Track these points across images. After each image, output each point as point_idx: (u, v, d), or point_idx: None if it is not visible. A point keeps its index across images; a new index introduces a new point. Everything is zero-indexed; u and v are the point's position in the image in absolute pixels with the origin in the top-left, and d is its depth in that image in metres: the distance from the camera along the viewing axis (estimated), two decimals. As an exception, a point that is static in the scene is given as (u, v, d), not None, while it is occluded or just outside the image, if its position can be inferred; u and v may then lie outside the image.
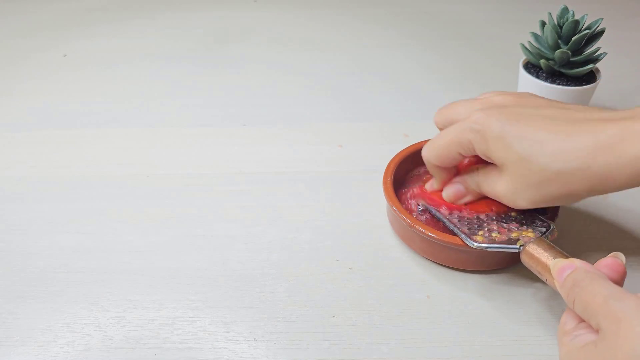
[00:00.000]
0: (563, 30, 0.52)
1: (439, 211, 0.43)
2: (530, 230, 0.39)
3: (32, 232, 0.48)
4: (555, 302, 0.40)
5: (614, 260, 0.32)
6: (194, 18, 0.87)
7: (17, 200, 0.51)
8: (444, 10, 0.88)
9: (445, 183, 0.43)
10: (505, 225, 0.40)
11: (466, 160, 0.44)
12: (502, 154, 0.37)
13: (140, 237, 0.47)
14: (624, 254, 0.34)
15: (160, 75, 0.72)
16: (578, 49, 0.53)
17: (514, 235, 0.39)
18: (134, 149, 0.58)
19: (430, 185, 0.45)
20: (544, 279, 0.36)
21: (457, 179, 0.43)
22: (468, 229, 0.40)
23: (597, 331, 0.29)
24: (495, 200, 0.41)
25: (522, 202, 0.37)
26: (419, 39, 0.80)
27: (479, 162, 0.42)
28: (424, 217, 0.44)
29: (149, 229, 0.48)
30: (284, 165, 0.55)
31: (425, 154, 0.42)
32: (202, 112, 0.64)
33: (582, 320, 0.31)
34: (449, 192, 0.43)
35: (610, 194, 0.50)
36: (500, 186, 0.39)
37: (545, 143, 0.35)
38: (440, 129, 0.42)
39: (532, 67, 0.56)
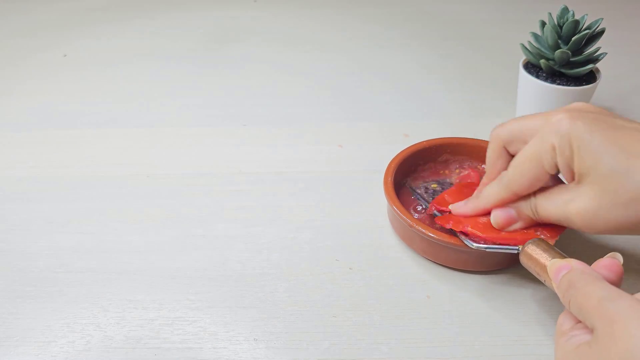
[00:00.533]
0: (563, 30, 0.52)
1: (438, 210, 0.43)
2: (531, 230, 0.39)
3: (32, 232, 0.48)
4: (554, 302, 0.40)
5: (611, 260, 0.32)
6: (194, 18, 0.87)
7: (17, 200, 0.51)
8: (444, 10, 0.88)
9: (490, 207, 0.39)
10: None
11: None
12: (589, 161, 0.32)
13: (140, 237, 0.47)
14: (623, 254, 0.34)
15: (160, 75, 0.72)
16: (578, 49, 0.53)
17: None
18: (134, 149, 0.58)
19: (466, 206, 0.40)
20: (542, 279, 0.36)
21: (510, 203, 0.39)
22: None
23: (592, 332, 0.29)
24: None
25: (603, 223, 0.33)
26: (419, 39, 0.80)
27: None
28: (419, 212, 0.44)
29: (149, 229, 0.48)
30: (284, 165, 0.55)
31: (505, 177, 0.37)
32: (202, 112, 0.64)
33: (578, 322, 0.31)
34: (498, 218, 0.38)
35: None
36: (576, 203, 0.34)
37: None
38: (502, 147, 0.38)
39: (532, 67, 0.56)
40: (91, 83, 0.70)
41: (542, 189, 0.37)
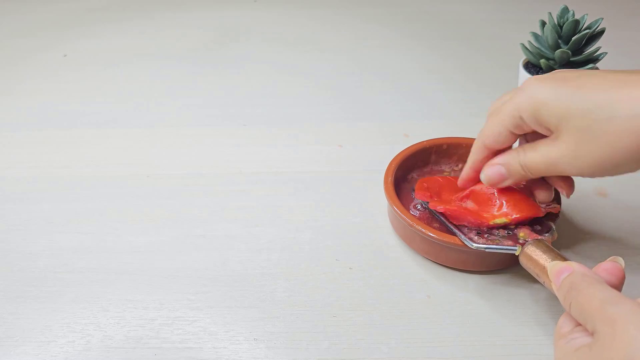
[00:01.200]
0: (563, 30, 0.52)
1: (438, 212, 0.43)
2: (531, 230, 0.39)
3: (32, 232, 0.48)
4: (554, 302, 0.40)
5: (613, 264, 0.32)
6: (194, 18, 0.87)
7: (17, 200, 0.51)
8: (444, 10, 0.88)
9: (478, 165, 0.41)
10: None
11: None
12: (558, 112, 0.34)
13: (140, 237, 0.47)
14: (624, 256, 0.34)
15: (160, 75, 0.72)
16: (578, 48, 0.53)
17: (520, 234, 0.39)
18: (134, 149, 0.58)
19: (465, 175, 0.42)
20: (541, 281, 0.36)
21: (498, 159, 0.39)
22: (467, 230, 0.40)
23: (592, 334, 0.29)
24: (517, 205, 0.39)
25: (587, 164, 0.34)
26: (419, 39, 0.79)
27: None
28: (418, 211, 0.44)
29: (149, 229, 0.48)
30: (284, 165, 0.55)
31: (480, 132, 0.39)
32: (202, 112, 0.64)
33: (578, 324, 0.31)
34: (488, 174, 0.40)
35: (609, 194, 0.50)
36: (559, 149, 0.35)
37: (611, 91, 0.33)
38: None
39: (532, 67, 0.56)
40: (91, 83, 0.70)
41: (529, 144, 0.38)
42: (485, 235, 0.40)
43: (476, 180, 0.41)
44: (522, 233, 0.39)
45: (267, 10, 0.89)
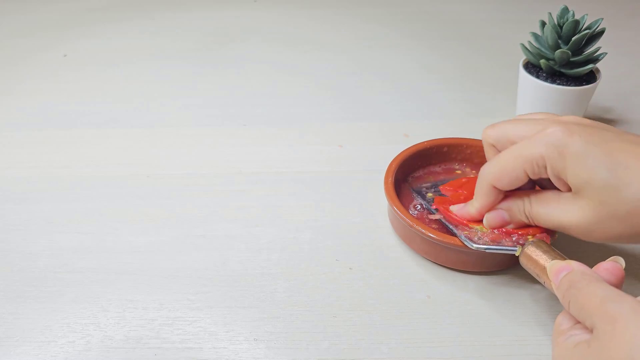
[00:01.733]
0: (563, 30, 0.52)
1: (438, 212, 0.43)
2: (530, 231, 0.39)
3: (32, 232, 0.48)
4: (554, 302, 0.40)
5: (613, 264, 0.32)
6: (194, 18, 0.87)
7: (17, 200, 0.51)
8: (444, 10, 0.88)
9: (487, 209, 0.39)
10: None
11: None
12: (584, 176, 0.33)
13: (140, 237, 0.47)
14: (622, 256, 0.33)
15: (160, 75, 0.72)
16: (578, 49, 0.53)
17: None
18: (134, 149, 0.58)
19: (463, 209, 0.41)
20: (541, 281, 0.36)
21: (502, 205, 0.39)
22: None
23: (591, 332, 0.29)
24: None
25: (600, 234, 0.34)
26: (419, 39, 0.80)
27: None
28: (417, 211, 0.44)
29: (149, 229, 0.48)
30: (284, 165, 0.55)
31: (485, 170, 0.38)
32: (202, 112, 0.64)
33: (577, 322, 0.31)
34: (491, 221, 0.39)
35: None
36: (573, 214, 0.34)
37: (637, 167, 0.32)
38: (492, 145, 0.39)
39: (532, 67, 0.56)
40: (91, 83, 0.70)
41: (537, 194, 0.38)
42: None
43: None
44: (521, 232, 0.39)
45: (267, 10, 0.89)
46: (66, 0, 0.94)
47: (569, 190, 0.35)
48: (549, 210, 0.36)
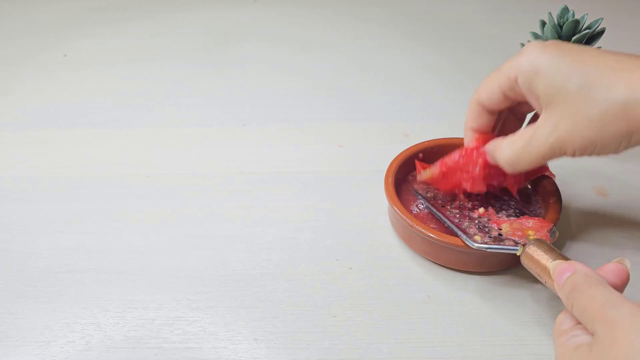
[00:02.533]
0: (563, 30, 0.52)
1: (438, 210, 0.43)
2: (531, 231, 0.39)
3: (32, 232, 0.48)
4: (554, 302, 0.40)
5: (618, 266, 0.32)
6: (194, 18, 0.87)
7: (17, 200, 0.51)
8: (444, 10, 0.88)
9: (479, 131, 0.40)
10: (504, 215, 0.42)
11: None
12: (557, 83, 0.33)
13: (140, 237, 0.47)
14: (624, 255, 0.33)
15: (160, 75, 0.72)
16: (578, 49, 0.52)
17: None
18: (134, 149, 0.58)
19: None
20: (543, 281, 0.35)
21: (488, 144, 0.40)
22: (467, 227, 0.40)
23: (592, 334, 0.29)
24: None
25: (576, 143, 0.34)
26: (419, 39, 0.79)
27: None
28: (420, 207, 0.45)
29: (149, 229, 0.48)
30: (284, 165, 0.55)
31: (475, 93, 0.39)
32: (202, 112, 0.64)
33: (579, 322, 0.31)
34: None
35: (609, 194, 0.50)
36: (547, 127, 0.35)
37: (609, 72, 0.32)
38: (480, 104, 0.40)
39: (532, 67, 0.56)
40: (91, 83, 0.70)
41: (517, 133, 0.38)
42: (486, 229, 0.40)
43: (480, 140, 0.41)
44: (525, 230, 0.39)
45: (267, 10, 0.89)
46: (66, 0, 0.94)
47: (541, 109, 0.36)
48: (527, 141, 0.36)
